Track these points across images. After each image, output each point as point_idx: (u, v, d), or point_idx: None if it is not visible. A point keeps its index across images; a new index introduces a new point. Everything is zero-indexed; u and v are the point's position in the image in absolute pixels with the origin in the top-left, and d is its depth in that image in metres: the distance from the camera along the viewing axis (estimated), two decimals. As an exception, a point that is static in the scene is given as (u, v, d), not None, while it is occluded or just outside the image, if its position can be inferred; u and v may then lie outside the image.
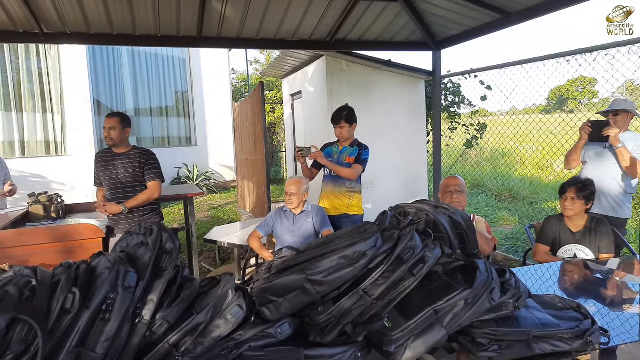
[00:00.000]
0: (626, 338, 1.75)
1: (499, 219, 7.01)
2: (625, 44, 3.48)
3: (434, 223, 1.71)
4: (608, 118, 3.21)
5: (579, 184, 2.73)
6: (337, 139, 3.64)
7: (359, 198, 3.59)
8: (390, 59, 5.42)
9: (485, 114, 6.74)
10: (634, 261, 2.74)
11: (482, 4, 3.83)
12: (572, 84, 31.16)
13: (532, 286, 2.29)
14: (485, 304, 1.40)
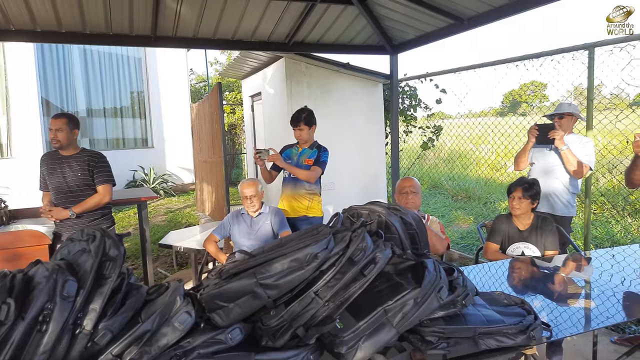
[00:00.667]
0: (572, 330, 1.84)
1: (455, 219, 7.21)
2: (570, 50, 3.67)
3: (386, 224, 1.74)
4: (554, 121, 3.36)
5: (525, 184, 2.85)
6: (297, 141, 3.64)
7: (318, 200, 3.60)
8: (349, 62, 5.47)
9: (444, 117, 6.95)
10: (578, 257, 2.89)
11: (436, 9, 3.94)
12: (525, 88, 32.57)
13: (483, 283, 2.36)
14: (434, 303, 1.43)
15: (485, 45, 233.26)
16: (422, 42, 4.70)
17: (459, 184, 9.21)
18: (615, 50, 3.38)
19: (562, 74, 4.00)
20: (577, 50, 3.59)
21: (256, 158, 3.42)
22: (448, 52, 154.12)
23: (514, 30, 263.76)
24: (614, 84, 3.68)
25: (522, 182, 2.88)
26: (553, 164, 3.32)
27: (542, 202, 3.32)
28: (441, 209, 8.04)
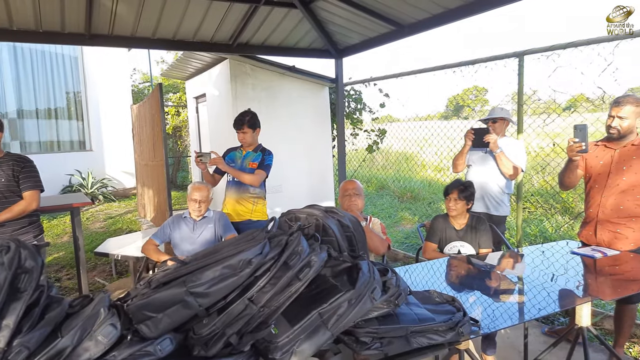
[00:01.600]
0: (504, 324, 1.94)
1: (401, 219, 7.40)
2: (502, 58, 3.87)
3: (323, 227, 1.75)
4: (488, 125, 3.53)
5: (461, 186, 2.97)
6: (241, 144, 3.59)
7: (263, 203, 3.58)
8: (295, 65, 5.48)
9: (392, 120, 7.12)
10: (511, 254, 3.04)
11: (378, 15, 4.03)
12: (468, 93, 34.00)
13: (421, 282, 2.44)
14: (367, 304, 1.45)
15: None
16: (366, 47, 4.80)
17: (405, 185, 9.46)
18: (542, 58, 3.60)
19: (504, 79, 4.20)
20: (509, 58, 3.79)
21: (197, 162, 3.34)
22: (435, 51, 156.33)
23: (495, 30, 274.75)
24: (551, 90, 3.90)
25: (457, 184, 2.99)
26: (488, 166, 3.48)
27: (478, 203, 3.47)
28: (388, 209, 8.23)
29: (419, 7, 3.70)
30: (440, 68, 4.41)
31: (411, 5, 3.71)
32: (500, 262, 2.83)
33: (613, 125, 2.59)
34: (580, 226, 2.88)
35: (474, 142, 3.41)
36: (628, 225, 2.60)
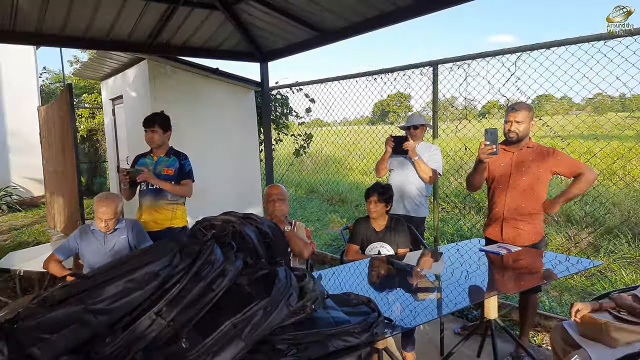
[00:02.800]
0: (421, 320, 2.03)
1: (330, 222, 7.49)
2: (418, 66, 4.07)
3: (240, 234, 1.71)
4: (407, 132, 3.67)
5: (380, 189, 3.06)
6: (150, 150, 3.44)
7: (182, 210, 3.47)
8: (219, 67, 5.37)
9: (322, 124, 7.21)
10: (429, 253, 3.19)
11: (300, 21, 4.06)
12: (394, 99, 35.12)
13: (345, 284, 2.48)
14: (284, 311, 1.44)
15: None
16: (292, 52, 4.81)
17: (333, 189, 9.60)
18: (454, 67, 3.83)
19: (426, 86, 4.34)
20: (424, 67, 3.99)
21: (124, 179, 3.16)
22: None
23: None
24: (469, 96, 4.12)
25: (377, 187, 3.09)
26: (408, 170, 3.62)
27: (399, 205, 3.61)
28: (317, 212, 8.30)
29: (339, 15, 3.78)
30: (363, 75, 4.53)
31: (332, 13, 3.77)
32: (419, 262, 2.95)
33: (512, 130, 2.81)
34: (486, 224, 3.08)
35: (394, 149, 3.54)
36: (528, 222, 2.83)
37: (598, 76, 3.13)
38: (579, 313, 2.13)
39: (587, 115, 5.45)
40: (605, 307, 2.16)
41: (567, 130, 6.77)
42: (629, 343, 1.96)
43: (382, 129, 6.08)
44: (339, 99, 5.34)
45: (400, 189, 3.62)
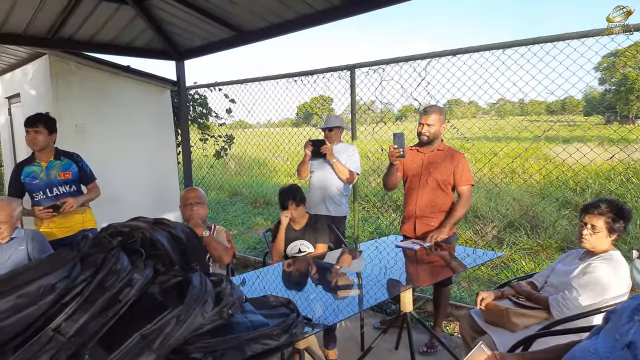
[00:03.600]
0: (344, 315, 2.06)
1: (254, 224, 7.41)
2: (336, 70, 4.15)
3: (151, 240, 1.62)
4: (325, 133, 3.73)
5: (292, 195, 3.07)
6: (32, 155, 3.25)
7: (90, 211, 3.40)
8: (130, 65, 5.07)
9: (246, 126, 7.10)
10: (349, 251, 3.25)
11: (218, 20, 3.96)
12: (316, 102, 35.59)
13: (267, 286, 2.45)
14: (198, 318, 1.39)
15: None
16: (209, 51, 4.69)
17: (258, 191, 9.51)
18: (370, 71, 3.97)
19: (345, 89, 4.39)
20: (343, 70, 4.08)
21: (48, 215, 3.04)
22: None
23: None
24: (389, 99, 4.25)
25: (288, 195, 3.08)
26: (327, 171, 3.68)
27: (321, 205, 3.66)
28: (241, 215, 8.17)
29: (259, 15, 3.74)
30: (283, 77, 4.54)
31: (251, 13, 3.73)
32: (339, 260, 3.01)
33: (423, 132, 2.98)
34: (402, 221, 3.23)
35: (313, 153, 3.60)
36: (439, 219, 3.01)
37: (497, 82, 3.41)
38: (483, 301, 2.30)
39: (491, 119, 5.90)
40: (506, 294, 2.35)
41: (474, 133, 7.33)
42: (527, 327, 2.15)
43: (305, 131, 6.12)
44: (260, 101, 5.31)
45: (322, 190, 3.68)
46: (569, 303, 2.05)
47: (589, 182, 7.40)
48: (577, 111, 30.09)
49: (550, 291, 2.25)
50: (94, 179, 3.39)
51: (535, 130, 6.90)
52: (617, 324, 1.54)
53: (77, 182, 3.29)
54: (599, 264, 2.06)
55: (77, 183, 3.31)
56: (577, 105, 34.69)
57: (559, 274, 2.26)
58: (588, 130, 14.26)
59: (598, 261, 2.08)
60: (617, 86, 36.76)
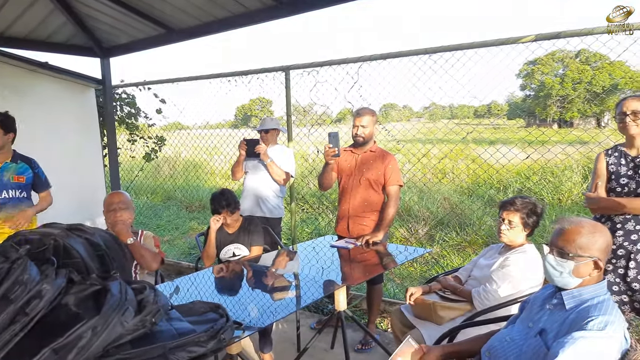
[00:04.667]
0: (276, 317, 2.05)
1: (190, 229, 7.19)
2: (271, 71, 4.12)
3: (65, 248, 1.51)
4: (260, 135, 3.69)
5: (225, 202, 2.95)
6: None
7: (36, 221, 3.27)
8: (48, 61, 4.72)
9: (182, 127, 6.86)
10: (285, 252, 3.24)
11: (145, 16, 3.80)
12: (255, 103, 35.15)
13: (199, 291, 2.38)
14: (117, 328, 1.32)
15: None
16: (137, 48, 4.49)
17: (193, 194, 9.23)
18: (304, 73, 3.98)
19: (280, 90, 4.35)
20: (277, 71, 4.07)
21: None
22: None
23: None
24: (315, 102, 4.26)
25: (220, 201, 2.96)
26: (262, 173, 3.64)
27: (256, 207, 3.62)
28: (175, 220, 7.91)
29: (189, 13, 3.63)
30: (216, 76, 4.44)
31: (181, 10, 3.61)
32: (274, 262, 3.00)
33: (358, 134, 3.04)
34: (336, 221, 3.28)
35: (247, 152, 3.54)
36: (371, 218, 3.09)
37: (424, 86, 3.56)
38: (412, 296, 2.38)
39: (424, 122, 6.16)
40: (433, 289, 2.45)
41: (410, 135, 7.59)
42: (452, 319, 2.26)
43: (243, 133, 6.03)
44: (195, 101, 5.16)
45: (256, 192, 3.64)
46: (489, 295, 2.18)
47: (510, 181, 7.93)
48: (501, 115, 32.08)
49: (473, 284, 2.38)
50: (48, 187, 3.32)
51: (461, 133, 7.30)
52: (530, 313, 1.66)
53: (29, 187, 3.20)
54: (515, 257, 2.21)
55: (29, 189, 3.21)
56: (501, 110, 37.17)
57: (481, 267, 2.40)
58: (511, 132, 15.33)
59: (514, 254, 2.23)
60: (536, 92, 39.88)
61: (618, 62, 34.92)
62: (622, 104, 2.19)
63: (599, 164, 2.31)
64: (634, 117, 2.13)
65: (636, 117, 2.12)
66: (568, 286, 1.52)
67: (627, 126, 2.15)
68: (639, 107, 2.12)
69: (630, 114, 2.13)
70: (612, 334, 1.38)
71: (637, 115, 2.12)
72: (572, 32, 2.74)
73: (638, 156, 2.20)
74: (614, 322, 1.40)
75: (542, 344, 1.49)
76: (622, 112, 2.16)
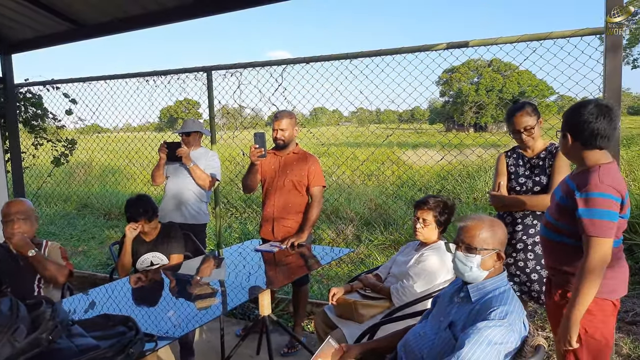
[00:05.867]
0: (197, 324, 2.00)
1: (107, 238, 6.76)
2: (192, 71, 3.99)
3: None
4: (182, 139, 3.55)
5: (141, 209, 2.82)
6: None
7: None
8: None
9: (101, 130, 6.41)
10: (208, 259, 3.12)
11: (52, 10, 3.53)
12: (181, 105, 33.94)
13: (110, 304, 2.22)
14: (6, 349, 1.20)
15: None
16: (43, 44, 4.19)
17: (112, 202, 8.69)
18: (227, 74, 3.90)
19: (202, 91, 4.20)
20: (199, 72, 3.94)
21: None
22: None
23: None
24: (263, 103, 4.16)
25: (137, 208, 2.82)
26: (184, 177, 3.50)
27: (176, 213, 3.47)
28: (92, 229, 7.41)
29: (101, 9, 3.43)
30: (133, 76, 4.21)
31: (92, 6, 3.40)
32: (198, 269, 2.89)
33: (279, 137, 3.03)
34: (261, 224, 3.24)
35: (169, 156, 3.39)
36: (296, 220, 3.09)
37: (346, 90, 3.64)
38: (334, 296, 2.41)
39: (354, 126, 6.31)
40: (355, 287, 2.50)
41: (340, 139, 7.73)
42: (373, 316, 2.31)
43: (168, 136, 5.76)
44: (110, 102, 4.85)
45: (178, 197, 3.49)
46: (406, 291, 2.26)
47: (431, 183, 8.36)
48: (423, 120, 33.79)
49: (392, 281, 2.46)
50: None
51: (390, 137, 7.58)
52: (440, 307, 1.74)
53: None
54: (429, 253, 2.32)
55: None
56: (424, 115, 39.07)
57: (399, 264, 2.49)
58: (431, 137, 16.20)
59: (429, 251, 2.33)
60: (454, 98, 42.51)
61: (525, 72, 38.38)
62: (512, 121, 2.33)
63: (500, 165, 2.50)
64: (528, 134, 2.31)
65: (530, 132, 2.31)
66: (477, 280, 1.61)
67: (525, 142, 2.34)
68: (529, 122, 2.29)
69: (524, 131, 2.31)
70: (512, 323, 1.48)
71: (530, 131, 2.30)
72: (479, 41, 2.95)
73: (533, 157, 2.40)
74: (514, 312, 1.51)
75: (451, 336, 1.57)
76: (516, 130, 2.33)
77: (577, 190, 1.71)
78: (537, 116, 2.32)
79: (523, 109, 2.31)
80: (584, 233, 1.68)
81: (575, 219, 1.72)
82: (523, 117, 2.30)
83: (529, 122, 2.29)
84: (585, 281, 1.65)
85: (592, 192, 1.66)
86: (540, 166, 2.35)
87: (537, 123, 2.32)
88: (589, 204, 1.66)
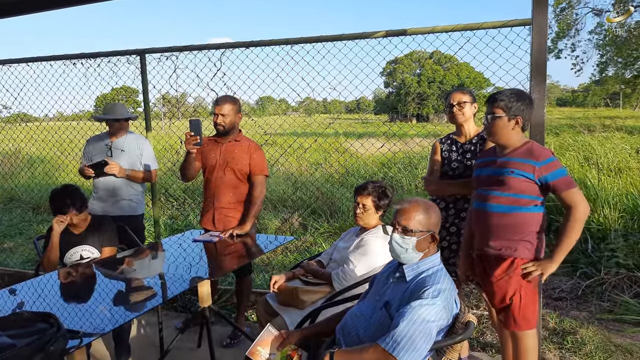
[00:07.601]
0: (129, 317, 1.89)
1: (36, 233, 6.32)
2: (124, 54, 3.77)
3: None
4: (108, 125, 3.35)
5: (69, 200, 2.64)
6: None
7: None
8: None
9: (30, 119, 6.00)
10: (144, 250, 2.98)
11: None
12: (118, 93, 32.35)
13: (33, 301, 2.06)
14: None
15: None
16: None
17: (41, 194, 8.14)
18: (162, 58, 3.72)
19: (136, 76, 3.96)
20: (131, 55, 3.73)
21: None
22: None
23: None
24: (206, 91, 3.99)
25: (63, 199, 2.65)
26: None
27: (109, 205, 3.29)
28: (19, 224, 6.93)
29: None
30: (58, 58, 3.91)
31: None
32: (131, 261, 2.75)
33: (219, 123, 2.93)
34: (201, 214, 3.14)
35: (98, 175, 3.23)
36: (237, 209, 3.01)
37: (288, 77, 3.59)
38: (276, 284, 2.39)
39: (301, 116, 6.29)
40: (297, 274, 2.49)
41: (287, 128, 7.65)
42: (314, 302, 2.31)
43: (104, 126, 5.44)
44: (33, 88, 4.49)
45: (111, 189, 3.30)
46: (347, 275, 2.28)
47: (375, 171, 8.52)
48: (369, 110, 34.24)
49: (333, 267, 2.47)
50: None
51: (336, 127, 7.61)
52: (377, 288, 1.77)
53: None
54: (369, 238, 2.35)
55: None
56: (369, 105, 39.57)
57: (340, 250, 2.50)
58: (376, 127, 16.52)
59: (368, 235, 2.36)
60: (397, 89, 43.57)
61: (464, 64, 40.01)
62: (449, 96, 2.50)
63: (435, 151, 2.58)
64: (459, 108, 2.44)
65: (461, 107, 2.45)
66: (412, 261, 1.65)
67: (455, 116, 2.47)
68: (463, 99, 2.45)
69: (456, 104, 2.43)
70: (444, 300, 1.53)
71: (462, 106, 2.44)
72: (417, 29, 3.00)
73: (466, 142, 2.50)
74: (446, 290, 1.56)
75: (386, 315, 1.60)
76: (450, 104, 2.48)
77: (534, 161, 1.92)
78: (472, 99, 2.47)
79: (461, 89, 2.50)
80: (567, 189, 1.89)
81: (530, 187, 1.93)
82: (458, 94, 2.46)
83: (463, 98, 2.44)
84: (576, 229, 1.88)
85: (548, 158, 1.92)
86: (472, 151, 2.45)
87: (471, 105, 2.45)
88: (554, 166, 1.91)
